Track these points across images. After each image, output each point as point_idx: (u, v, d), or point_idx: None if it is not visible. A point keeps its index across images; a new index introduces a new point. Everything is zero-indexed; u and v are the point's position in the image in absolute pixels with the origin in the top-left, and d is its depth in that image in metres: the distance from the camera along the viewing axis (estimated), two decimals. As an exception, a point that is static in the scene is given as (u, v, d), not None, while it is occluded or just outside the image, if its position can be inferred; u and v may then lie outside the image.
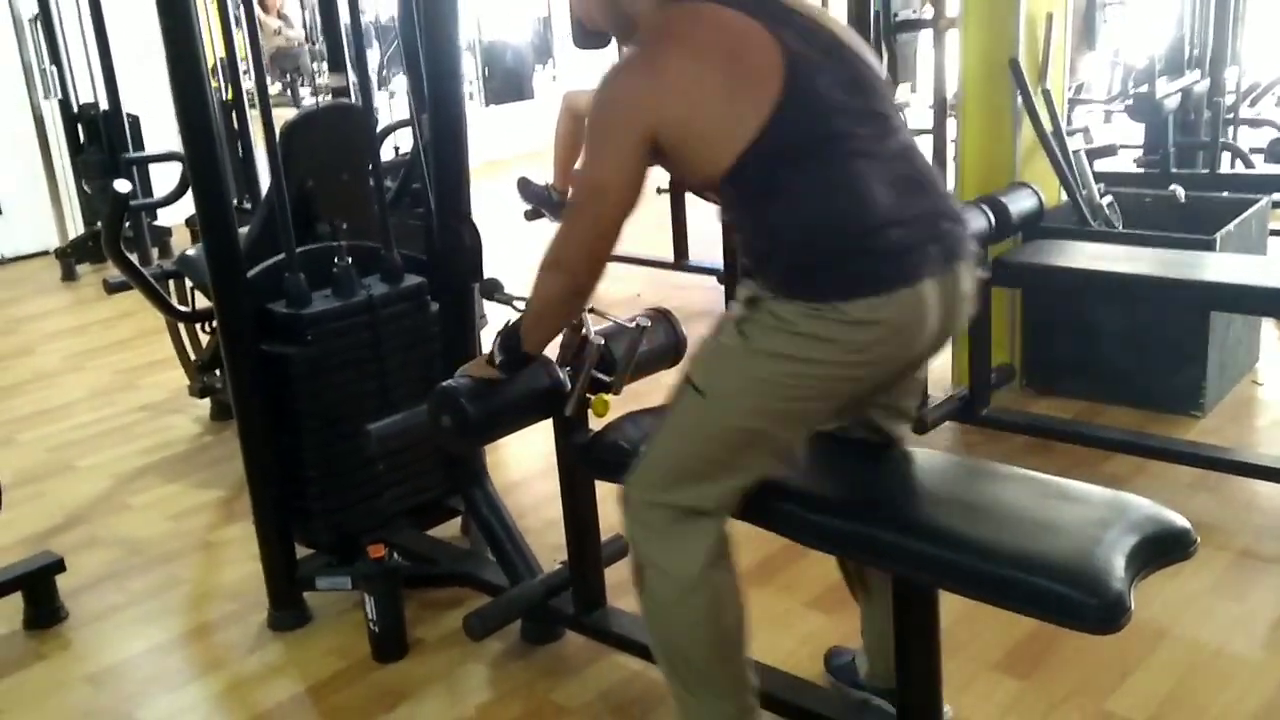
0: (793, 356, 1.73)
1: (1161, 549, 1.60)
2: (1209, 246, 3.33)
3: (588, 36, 2.11)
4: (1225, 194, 4.06)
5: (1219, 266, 3.12)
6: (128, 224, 5.55)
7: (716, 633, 1.89)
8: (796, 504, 1.85)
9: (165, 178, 5.99)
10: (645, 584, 1.92)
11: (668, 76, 1.76)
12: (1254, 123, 6.16)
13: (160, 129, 5.97)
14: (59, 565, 2.81)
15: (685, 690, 1.94)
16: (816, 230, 1.74)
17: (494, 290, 2.29)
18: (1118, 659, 2.34)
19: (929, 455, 1.99)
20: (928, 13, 5.63)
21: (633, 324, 2.21)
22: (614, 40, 2.09)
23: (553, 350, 2.15)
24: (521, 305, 2.11)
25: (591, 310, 2.07)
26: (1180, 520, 1.64)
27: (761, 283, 1.79)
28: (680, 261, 5.13)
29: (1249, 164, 5.24)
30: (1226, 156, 5.14)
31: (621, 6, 1.91)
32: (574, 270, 1.87)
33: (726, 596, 1.90)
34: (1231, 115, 5.33)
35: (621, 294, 4.80)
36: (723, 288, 4.52)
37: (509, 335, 2.03)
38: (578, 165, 1.83)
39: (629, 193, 1.80)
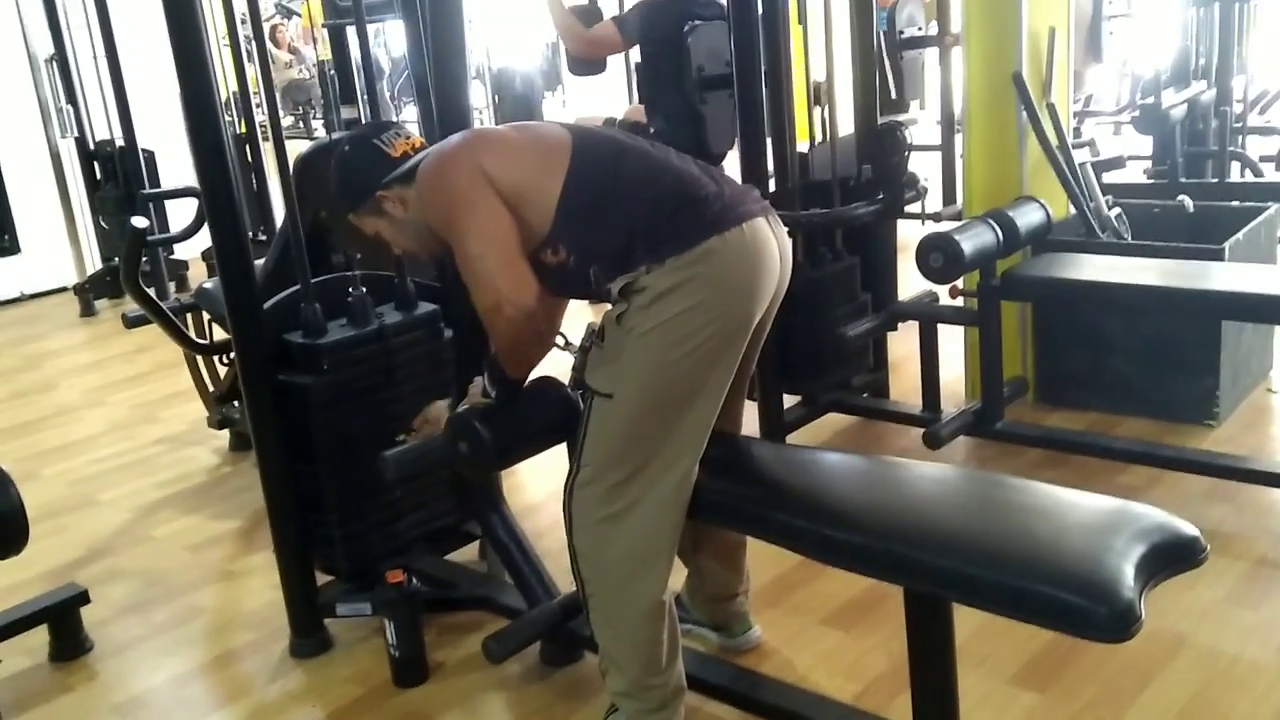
0: (671, 319, 1.89)
1: (1172, 557, 1.61)
2: (1218, 256, 3.34)
3: (581, 64, 2.28)
4: (1234, 203, 4.07)
5: (1229, 276, 3.12)
6: (145, 259, 5.60)
7: (656, 656, 2.05)
8: (809, 520, 1.87)
9: (181, 212, 6.05)
10: (591, 604, 2.10)
11: (486, 154, 2.01)
12: (1262, 131, 6.16)
13: (176, 164, 6.04)
14: (84, 597, 2.84)
15: (617, 675, 2.11)
16: (654, 199, 1.97)
17: None
18: (1136, 669, 2.34)
19: (938, 469, 2.01)
20: (933, 30, 5.68)
21: None
22: (610, 65, 2.34)
23: (564, 374, 2.18)
24: (559, 342, 2.21)
25: (599, 333, 2.10)
26: (1189, 528, 1.65)
27: (632, 270, 1.93)
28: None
29: (1258, 172, 5.23)
30: (1236, 165, 5.14)
31: (410, 220, 2.16)
32: (513, 299, 1.99)
33: (665, 623, 2.05)
34: (1240, 124, 5.34)
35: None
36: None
37: (493, 369, 2.14)
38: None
39: (508, 231, 1.97)
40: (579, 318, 2.28)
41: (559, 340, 2.19)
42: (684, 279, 1.90)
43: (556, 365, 2.18)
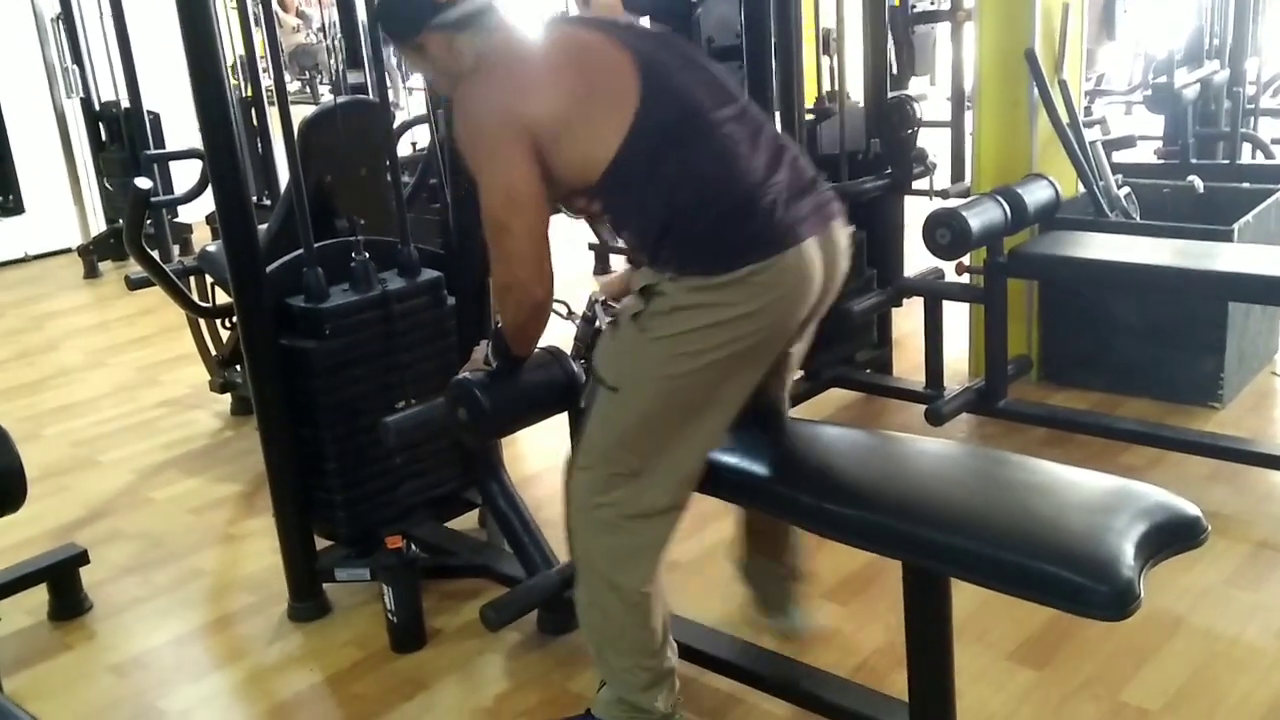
0: (689, 333, 1.80)
1: (1172, 537, 1.61)
2: (1227, 237, 3.32)
3: None
4: (1245, 184, 4.04)
5: (1237, 257, 3.11)
6: (149, 221, 5.59)
7: (643, 641, 1.99)
8: (810, 493, 1.86)
9: (186, 175, 6.03)
10: (579, 583, 2.03)
11: (522, 86, 1.85)
12: (1275, 113, 6.11)
13: (181, 126, 6.00)
14: (83, 557, 2.85)
15: (610, 680, 2.06)
16: (698, 203, 1.81)
17: None
18: (1133, 649, 2.34)
19: (940, 445, 2.00)
20: (945, 4, 5.63)
21: None
22: None
23: (568, 343, 2.17)
24: (563, 311, 2.19)
25: (604, 302, 2.09)
26: (1191, 508, 1.64)
27: (656, 267, 1.83)
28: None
29: (1269, 154, 5.19)
30: (1247, 147, 5.10)
31: (452, 68, 1.96)
32: (526, 286, 1.92)
33: (651, 611, 1.99)
34: (1252, 106, 5.30)
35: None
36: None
37: (498, 342, 2.08)
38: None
39: (540, 195, 1.86)
40: (583, 287, 2.27)
41: (560, 309, 2.17)
42: (707, 300, 1.79)
43: (560, 335, 2.17)
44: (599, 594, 1.99)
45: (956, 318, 3.74)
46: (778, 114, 3.32)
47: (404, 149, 4.68)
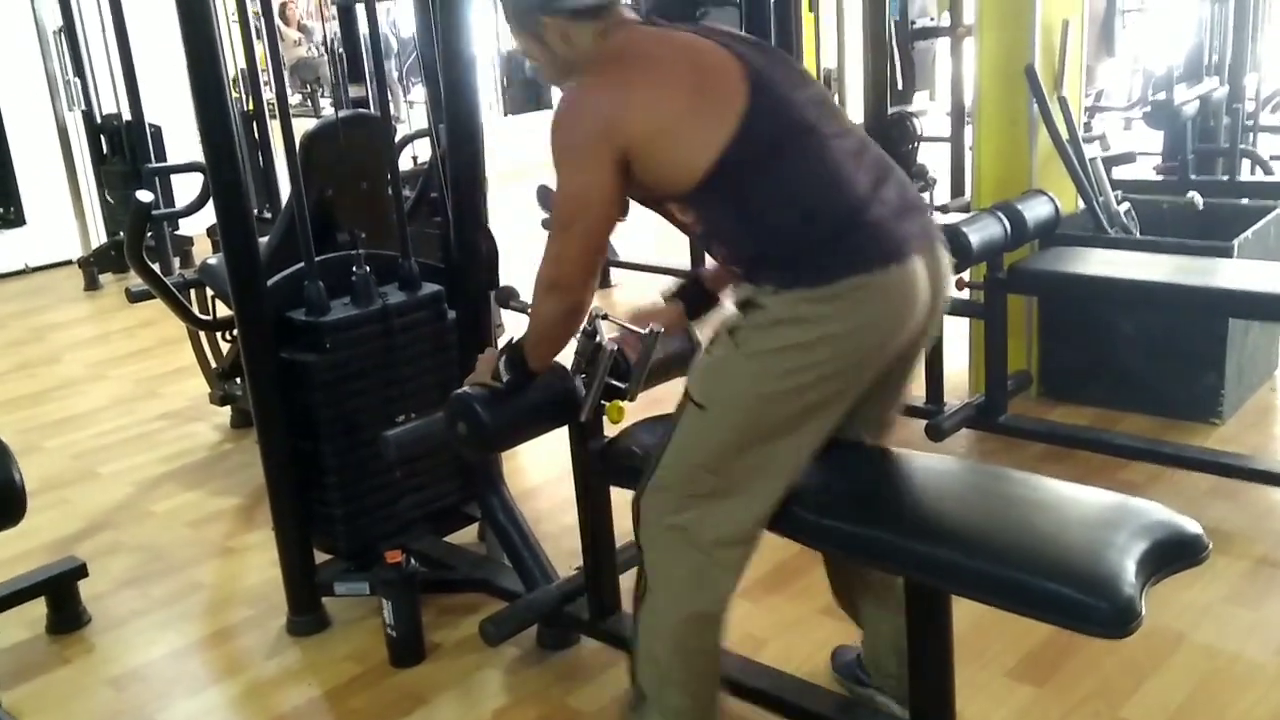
0: (788, 348, 1.75)
1: (1173, 554, 1.60)
2: (1227, 253, 3.32)
3: None
4: (1244, 201, 4.05)
5: (1237, 273, 3.11)
6: (150, 233, 5.59)
7: (699, 666, 1.95)
8: (811, 509, 1.85)
9: (187, 187, 6.04)
10: (646, 599, 1.97)
11: (632, 91, 1.80)
12: (1274, 129, 6.12)
13: (182, 139, 6.03)
14: (81, 570, 2.84)
15: (655, 701, 1.99)
16: (804, 215, 1.77)
17: (509, 298, 2.32)
18: (1133, 666, 2.34)
19: (940, 460, 2.00)
20: (945, 21, 5.65)
21: (647, 330, 2.22)
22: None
23: (567, 357, 2.17)
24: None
25: (605, 317, 2.09)
26: (1192, 526, 1.64)
27: (756, 282, 1.80)
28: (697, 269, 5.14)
29: (1269, 171, 5.21)
30: (1246, 163, 5.11)
31: (566, 56, 1.93)
32: (570, 288, 1.90)
33: (717, 637, 1.95)
34: (1251, 122, 5.31)
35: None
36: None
37: (514, 354, 2.05)
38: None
39: (610, 206, 1.83)
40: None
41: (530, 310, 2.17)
42: (809, 314, 1.74)
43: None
44: (663, 615, 1.94)
45: (956, 333, 3.74)
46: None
47: (405, 163, 4.68)
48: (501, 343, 2.21)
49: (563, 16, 1.90)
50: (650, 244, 5.36)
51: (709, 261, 2.21)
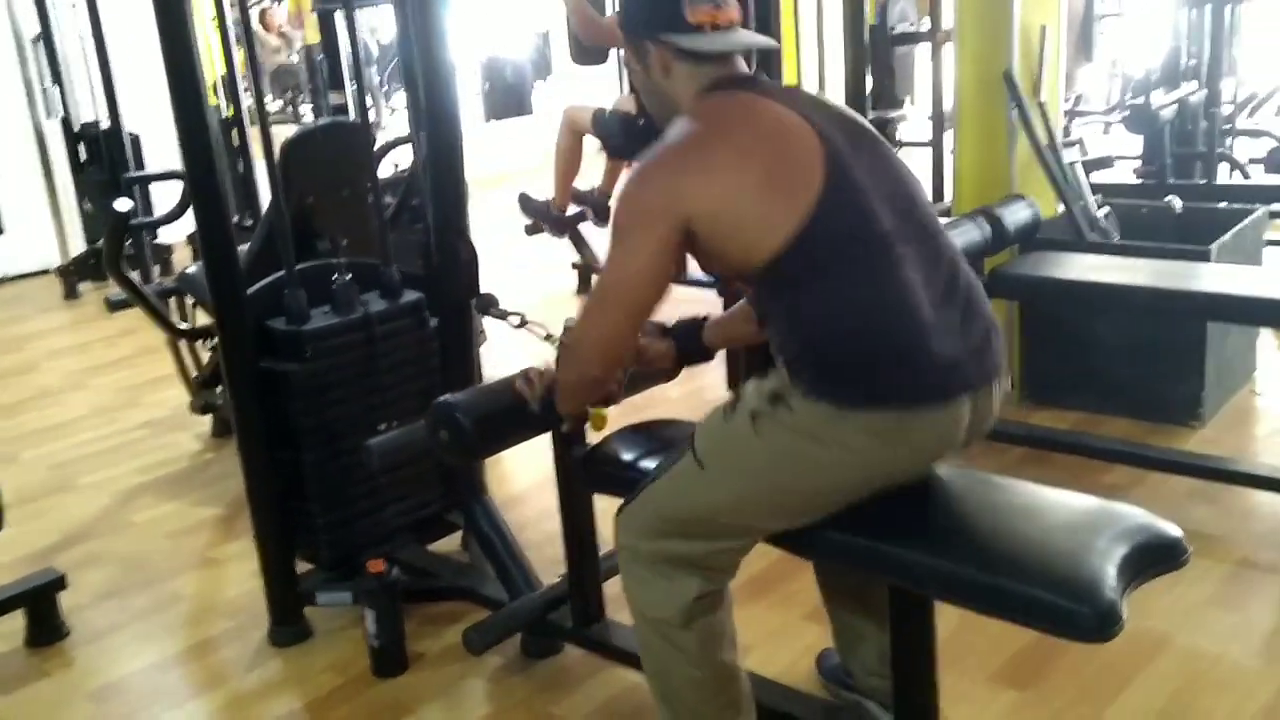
0: (805, 459, 1.72)
1: (1154, 558, 1.61)
2: (1205, 257, 3.34)
3: (585, 53, 2.12)
4: (1222, 205, 4.07)
5: (1215, 277, 3.13)
6: (129, 242, 5.56)
7: (702, 676, 1.91)
8: (792, 516, 1.85)
9: (166, 196, 6.02)
10: (634, 622, 1.97)
11: (710, 169, 1.71)
12: (1251, 133, 6.18)
13: (161, 147, 6.00)
14: (61, 582, 2.82)
15: (673, 716, 1.96)
16: (856, 332, 1.69)
17: (489, 306, 2.32)
18: (1116, 669, 2.34)
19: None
20: (924, 27, 5.68)
21: None
22: (611, 57, 2.09)
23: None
24: (515, 320, 2.18)
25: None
26: (1172, 529, 1.65)
27: (790, 380, 1.74)
28: (678, 276, 5.14)
29: (1246, 174, 5.25)
30: (1224, 167, 5.15)
31: (661, 86, 1.87)
32: (588, 362, 1.87)
33: (709, 645, 1.91)
34: (1229, 126, 5.35)
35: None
36: (722, 300, 4.53)
37: (549, 391, 2.02)
38: (604, 256, 1.83)
39: (654, 291, 1.79)
40: (564, 307, 2.26)
41: (539, 331, 2.17)
42: (835, 436, 1.69)
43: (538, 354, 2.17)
44: (643, 630, 1.94)
45: (938, 337, 3.75)
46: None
47: (386, 170, 4.67)
48: (484, 351, 2.20)
49: (670, 51, 1.83)
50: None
51: (719, 310, 2.15)
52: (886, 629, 1.92)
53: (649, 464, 2.04)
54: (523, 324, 2.22)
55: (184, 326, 3.80)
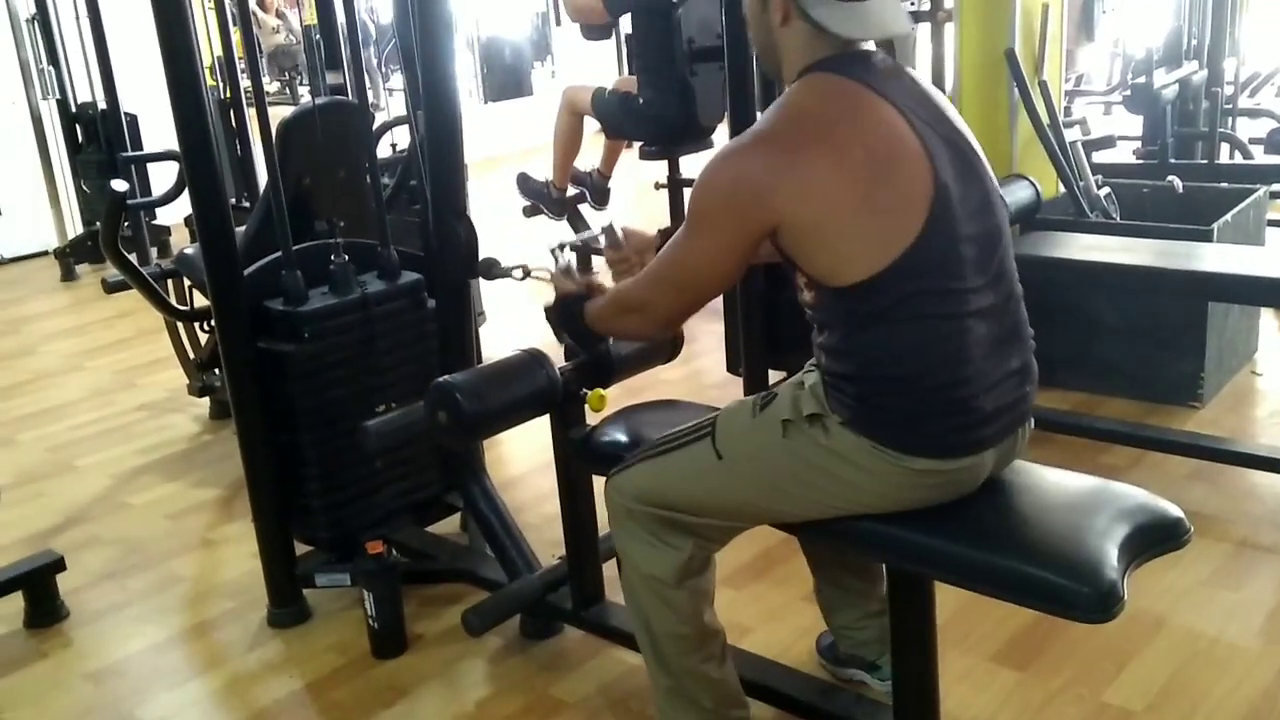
0: (833, 474, 1.71)
1: (1155, 538, 1.61)
2: (1206, 237, 3.33)
3: (590, 29, 2.09)
4: (1223, 185, 4.06)
5: (1217, 257, 3.12)
6: (126, 223, 5.55)
7: (688, 632, 1.93)
8: (792, 497, 1.85)
9: (164, 177, 6.00)
10: (623, 572, 1.98)
11: (808, 177, 1.59)
12: (1253, 113, 6.16)
13: (158, 128, 5.96)
14: (59, 564, 2.82)
15: (660, 671, 1.98)
16: (908, 383, 1.66)
17: (492, 268, 2.31)
18: (1115, 649, 2.34)
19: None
20: (925, 5, 5.64)
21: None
22: (614, 31, 2.07)
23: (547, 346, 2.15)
24: (519, 274, 2.23)
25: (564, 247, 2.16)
26: (1173, 509, 1.65)
27: (827, 397, 1.71)
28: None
29: (1247, 154, 5.23)
30: (1225, 147, 5.13)
31: (773, 32, 1.73)
32: (642, 327, 1.94)
33: (698, 604, 1.92)
34: (1230, 106, 5.33)
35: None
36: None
37: (572, 320, 2.03)
38: (676, 233, 1.78)
39: (727, 281, 1.78)
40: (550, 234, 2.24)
41: (544, 275, 2.17)
42: (867, 463, 1.67)
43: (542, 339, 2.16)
44: (635, 585, 1.94)
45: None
46: (758, 114, 3.32)
47: (384, 150, 4.65)
48: (484, 332, 2.20)
49: (798, 6, 1.66)
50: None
51: None
52: (870, 585, 2.03)
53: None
54: (526, 275, 2.22)
55: (182, 308, 3.79)
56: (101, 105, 5.97)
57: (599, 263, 2.18)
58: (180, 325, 3.95)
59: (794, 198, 1.59)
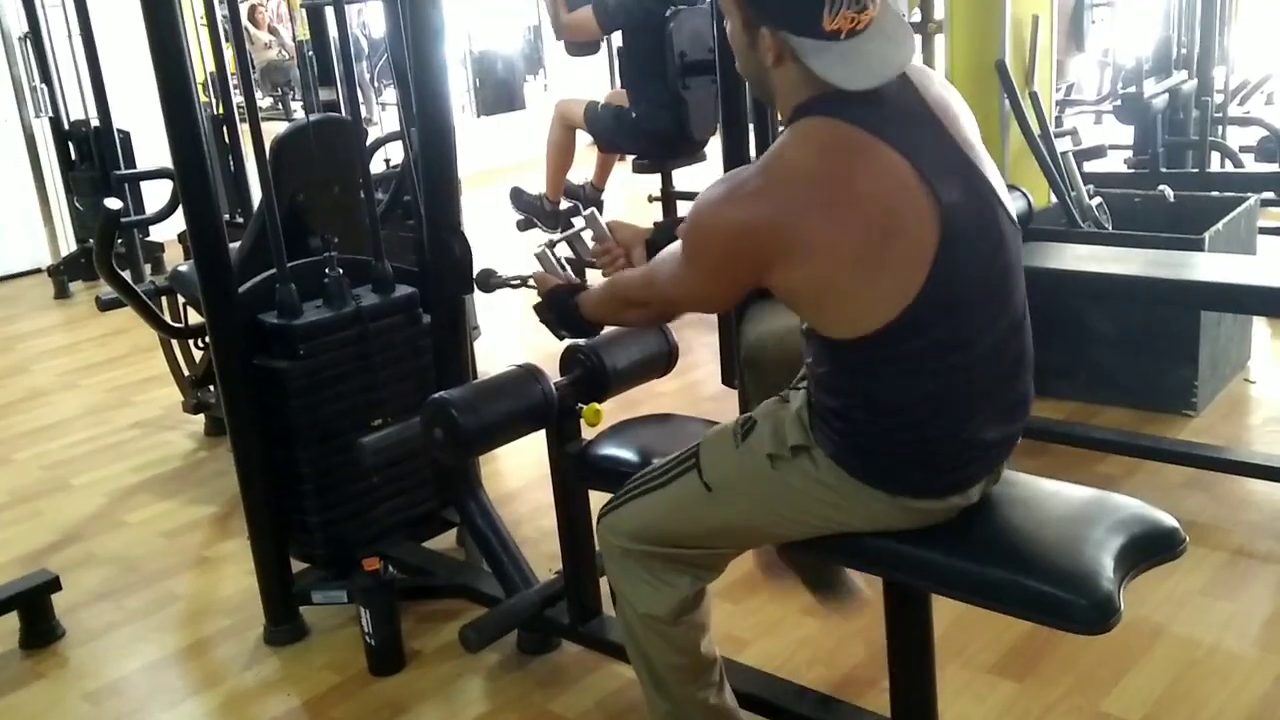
0: (819, 500, 1.72)
1: (1150, 549, 1.61)
2: (1198, 246, 3.34)
3: (573, 45, 2.10)
4: (1214, 193, 4.07)
5: (1208, 266, 3.13)
6: (120, 241, 5.53)
7: (686, 663, 1.93)
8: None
9: (157, 194, 5.99)
10: (619, 608, 1.98)
11: (808, 237, 1.53)
12: (1243, 121, 6.19)
13: (152, 145, 5.95)
14: (55, 583, 2.81)
15: (658, 698, 1.98)
16: (901, 429, 1.64)
17: (489, 279, 2.31)
18: (1113, 659, 2.34)
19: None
20: (915, 17, 5.66)
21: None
22: (602, 48, 2.08)
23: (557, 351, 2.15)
24: (517, 282, 2.21)
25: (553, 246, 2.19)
26: (1168, 519, 1.65)
27: (815, 430, 1.71)
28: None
29: (1238, 163, 5.25)
30: (1216, 156, 5.15)
31: (764, 70, 1.63)
32: (661, 317, 1.99)
33: (695, 636, 1.92)
34: (1220, 114, 5.35)
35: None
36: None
37: (567, 311, 2.03)
38: (665, 256, 1.79)
39: (720, 306, 1.88)
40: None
41: (513, 280, 2.20)
42: (852, 492, 1.68)
43: (537, 353, 2.16)
44: (629, 620, 1.94)
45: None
46: (750, 126, 3.33)
47: (378, 165, 4.66)
48: (479, 346, 2.20)
49: (783, 42, 1.57)
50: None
51: None
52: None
53: (644, 460, 2.04)
54: (524, 283, 2.23)
55: (176, 325, 3.79)
56: (94, 123, 5.96)
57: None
58: (174, 342, 3.94)
59: (792, 260, 1.55)
